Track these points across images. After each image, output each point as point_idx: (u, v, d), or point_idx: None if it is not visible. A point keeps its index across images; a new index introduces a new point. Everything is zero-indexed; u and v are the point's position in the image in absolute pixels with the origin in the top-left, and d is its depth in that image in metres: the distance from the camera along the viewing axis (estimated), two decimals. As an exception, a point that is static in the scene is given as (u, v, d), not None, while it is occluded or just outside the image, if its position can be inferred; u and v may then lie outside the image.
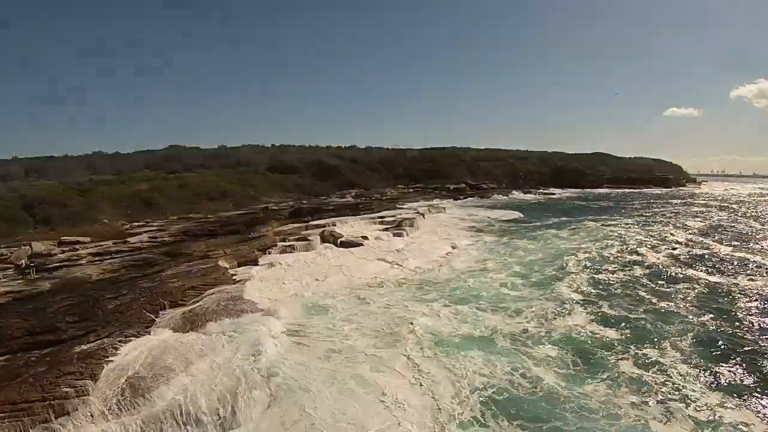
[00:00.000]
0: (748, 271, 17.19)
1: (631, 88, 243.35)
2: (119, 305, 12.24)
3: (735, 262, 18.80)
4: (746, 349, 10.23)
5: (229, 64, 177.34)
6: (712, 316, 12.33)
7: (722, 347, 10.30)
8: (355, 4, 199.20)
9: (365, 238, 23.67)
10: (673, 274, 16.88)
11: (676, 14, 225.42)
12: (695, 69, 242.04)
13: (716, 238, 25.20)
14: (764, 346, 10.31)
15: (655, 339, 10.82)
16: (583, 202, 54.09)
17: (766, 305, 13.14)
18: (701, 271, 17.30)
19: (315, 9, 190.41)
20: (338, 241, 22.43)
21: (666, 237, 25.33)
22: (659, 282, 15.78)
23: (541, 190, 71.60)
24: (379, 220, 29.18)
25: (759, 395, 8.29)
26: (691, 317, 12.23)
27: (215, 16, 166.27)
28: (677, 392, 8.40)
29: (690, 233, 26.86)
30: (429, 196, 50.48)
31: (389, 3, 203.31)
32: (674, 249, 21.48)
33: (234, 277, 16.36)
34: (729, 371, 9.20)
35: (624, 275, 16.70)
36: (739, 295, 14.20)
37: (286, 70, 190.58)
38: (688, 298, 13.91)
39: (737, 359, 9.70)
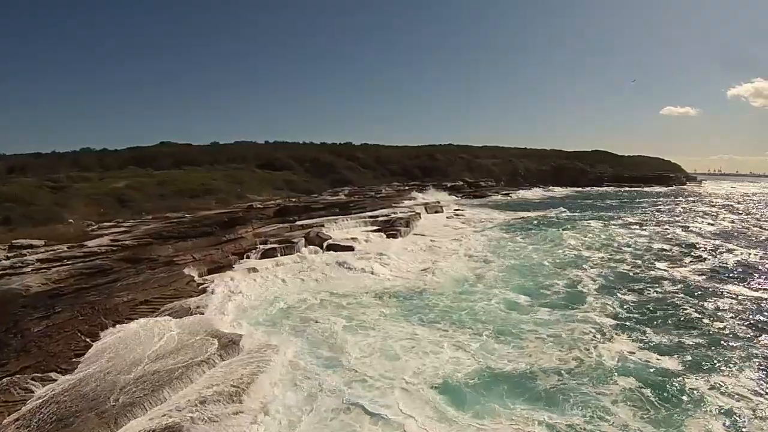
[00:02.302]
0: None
1: (628, 86, 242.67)
2: (49, 327, 10.04)
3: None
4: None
5: (226, 60, 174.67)
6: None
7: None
8: (355, 2, 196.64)
9: (355, 239, 21.47)
10: (710, 288, 14.81)
11: (674, 13, 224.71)
12: (692, 68, 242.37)
13: (740, 243, 23.22)
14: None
15: (725, 367, 9.10)
16: (586, 200, 52.30)
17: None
18: (738, 284, 15.31)
19: (314, 7, 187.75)
20: (325, 244, 20.21)
21: (687, 242, 23.29)
22: (699, 297, 13.75)
23: (540, 188, 69.96)
24: (372, 219, 26.98)
25: None
26: (751, 340, 10.45)
27: (212, 12, 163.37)
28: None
29: (711, 238, 24.78)
30: (426, 194, 48.37)
31: (389, 1, 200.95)
32: (701, 258, 19.31)
33: (201, 287, 14.23)
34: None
35: (656, 293, 14.28)
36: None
37: (283, 67, 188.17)
38: (736, 316, 12.06)
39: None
